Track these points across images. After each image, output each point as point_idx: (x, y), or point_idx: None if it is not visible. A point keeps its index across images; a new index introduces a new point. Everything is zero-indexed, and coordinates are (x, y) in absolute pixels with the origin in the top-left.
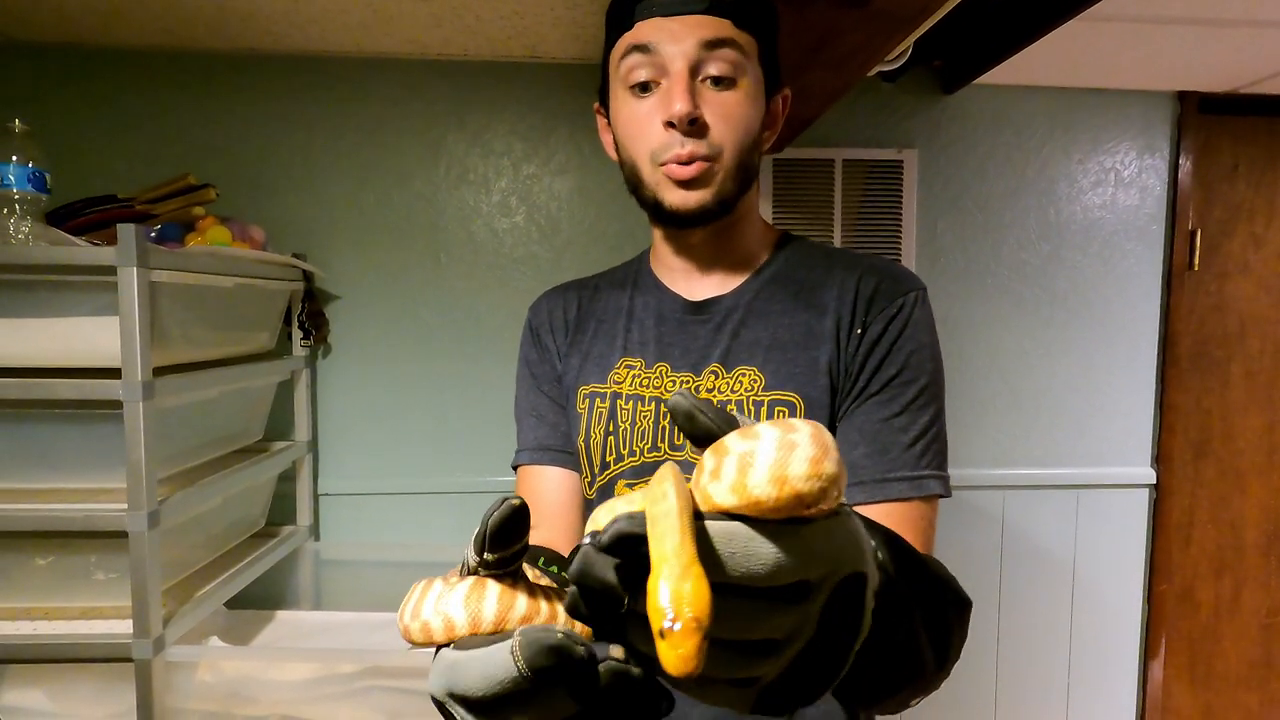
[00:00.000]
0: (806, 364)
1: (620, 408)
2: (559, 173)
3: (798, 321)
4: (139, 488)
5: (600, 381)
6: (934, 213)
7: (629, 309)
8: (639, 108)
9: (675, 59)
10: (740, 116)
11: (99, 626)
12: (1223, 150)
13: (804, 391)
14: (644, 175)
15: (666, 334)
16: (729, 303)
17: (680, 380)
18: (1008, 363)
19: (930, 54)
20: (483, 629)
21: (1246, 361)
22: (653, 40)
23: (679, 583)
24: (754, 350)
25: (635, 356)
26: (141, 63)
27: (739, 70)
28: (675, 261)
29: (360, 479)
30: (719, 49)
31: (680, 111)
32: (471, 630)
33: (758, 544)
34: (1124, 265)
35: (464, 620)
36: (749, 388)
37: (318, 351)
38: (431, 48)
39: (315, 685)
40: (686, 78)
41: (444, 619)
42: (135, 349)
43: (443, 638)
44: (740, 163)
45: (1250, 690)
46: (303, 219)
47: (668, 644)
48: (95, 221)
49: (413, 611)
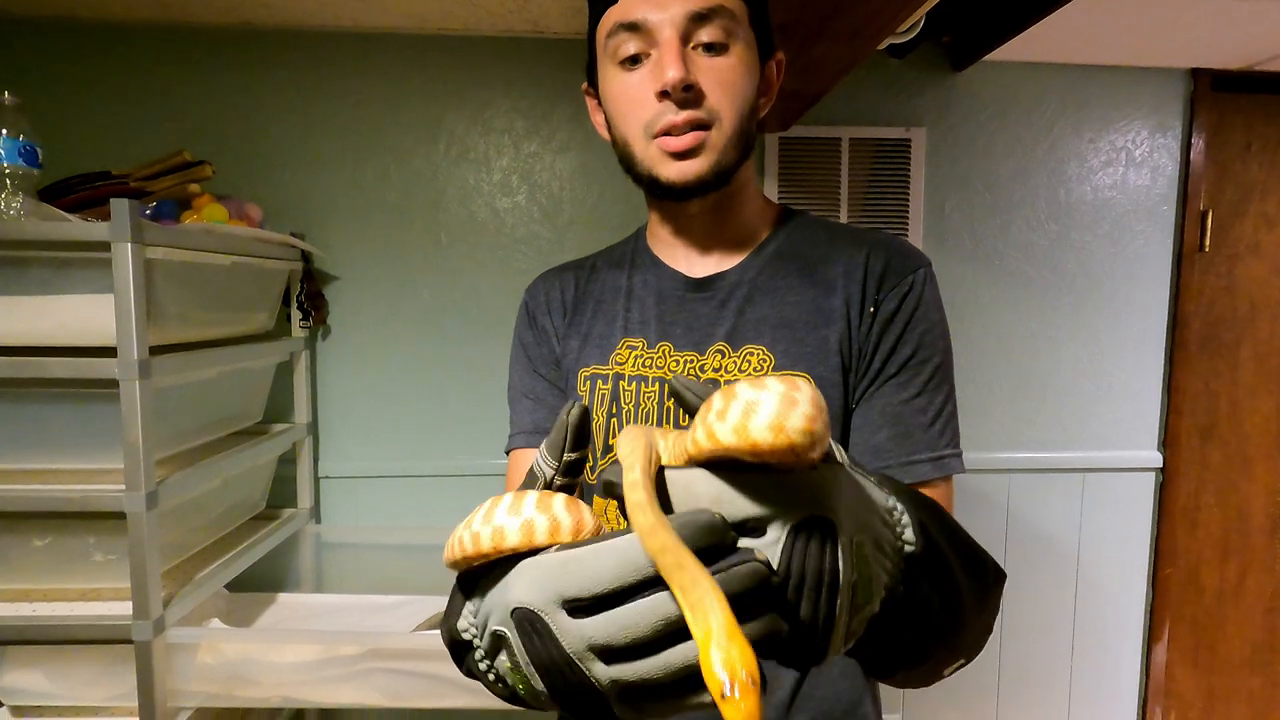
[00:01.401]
0: (817, 343)
1: (623, 389)
2: (561, 151)
3: (805, 299)
4: (136, 468)
5: (602, 363)
6: (942, 192)
7: (628, 288)
8: (629, 80)
9: (663, 27)
10: (736, 82)
11: (98, 608)
12: (1236, 129)
13: (815, 371)
14: (636, 151)
15: (668, 313)
16: (733, 278)
17: (684, 359)
18: (1015, 345)
19: (940, 29)
20: (562, 535)
21: (1256, 345)
22: (638, 15)
23: (728, 651)
24: (761, 328)
25: (636, 336)
26: (136, 38)
27: (731, 36)
28: (673, 239)
29: (361, 461)
30: (708, 19)
31: (673, 79)
32: (550, 537)
33: (702, 483)
34: (1134, 247)
35: (545, 525)
36: (758, 367)
37: (317, 333)
38: (431, 22)
39: (316, 667)
40: (677, 45)
41: (523, 521)
42: (131, 326)
43: (519, 540)
44: (739, 130)
45: (1253, 673)
46: (301, 197)
47: (731, 707)
48: (89, 198)
49: (483, 517)
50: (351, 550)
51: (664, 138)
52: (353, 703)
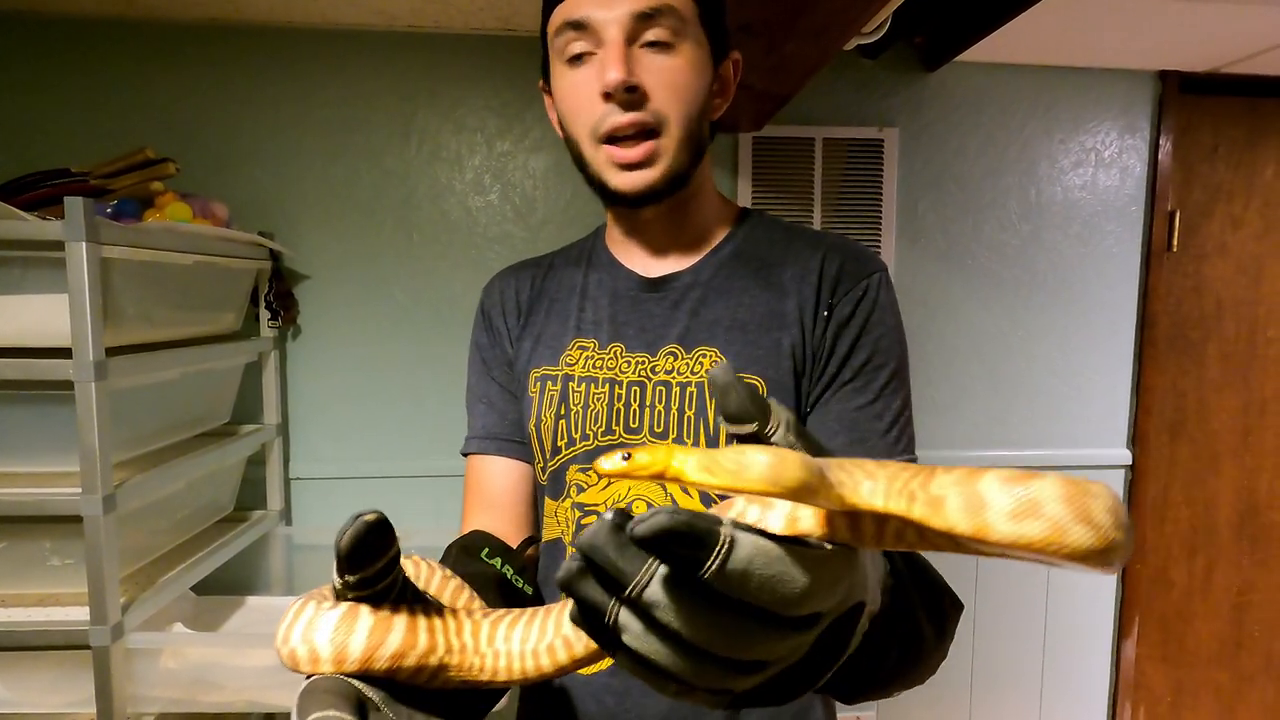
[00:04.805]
0: (770, 346)
1: (572, 390)
2: (534, 150)
3: (759, 301)
4: (93, 471)
5: (552, 364)
6: (915, 192)
7: (582, 287)
8: (576, 79)
9: (608, 27)
10: (683, 83)
11: (55, 613)
12: (1203, 131)
13: (767, 375)
14: (586, 154)
15: (621, 313)
16: (687, 279)
17: (635, 360)
18: (986, 344)
19: (911, 29)
20: (348, 666)
21: (1222, 343)
22: (583, 14)
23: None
24: (714, 330)
25: (589, 337)
26: (100, 32)
27: (679, 35)
28: (627, 239)
29: (332, 463)
30: (654, 19)
31: (614, 79)
32: (336, 667)
33: (791, 570)
34: (1103, 246)
35: (329, 654)
36: (710, 368)
37: (287, 333)
38: (401, 19)
39: (281, 671)
40: (621, 44)
41: (309, 649)
42: (86, 327)
43: (308, 669)
44: (688, 133)
45: (1221, 668)
46: (269, 196)
47: None
48: (47, 196)
49: (283, 636)
50: (324, 552)
51: (613, 148)
52: None
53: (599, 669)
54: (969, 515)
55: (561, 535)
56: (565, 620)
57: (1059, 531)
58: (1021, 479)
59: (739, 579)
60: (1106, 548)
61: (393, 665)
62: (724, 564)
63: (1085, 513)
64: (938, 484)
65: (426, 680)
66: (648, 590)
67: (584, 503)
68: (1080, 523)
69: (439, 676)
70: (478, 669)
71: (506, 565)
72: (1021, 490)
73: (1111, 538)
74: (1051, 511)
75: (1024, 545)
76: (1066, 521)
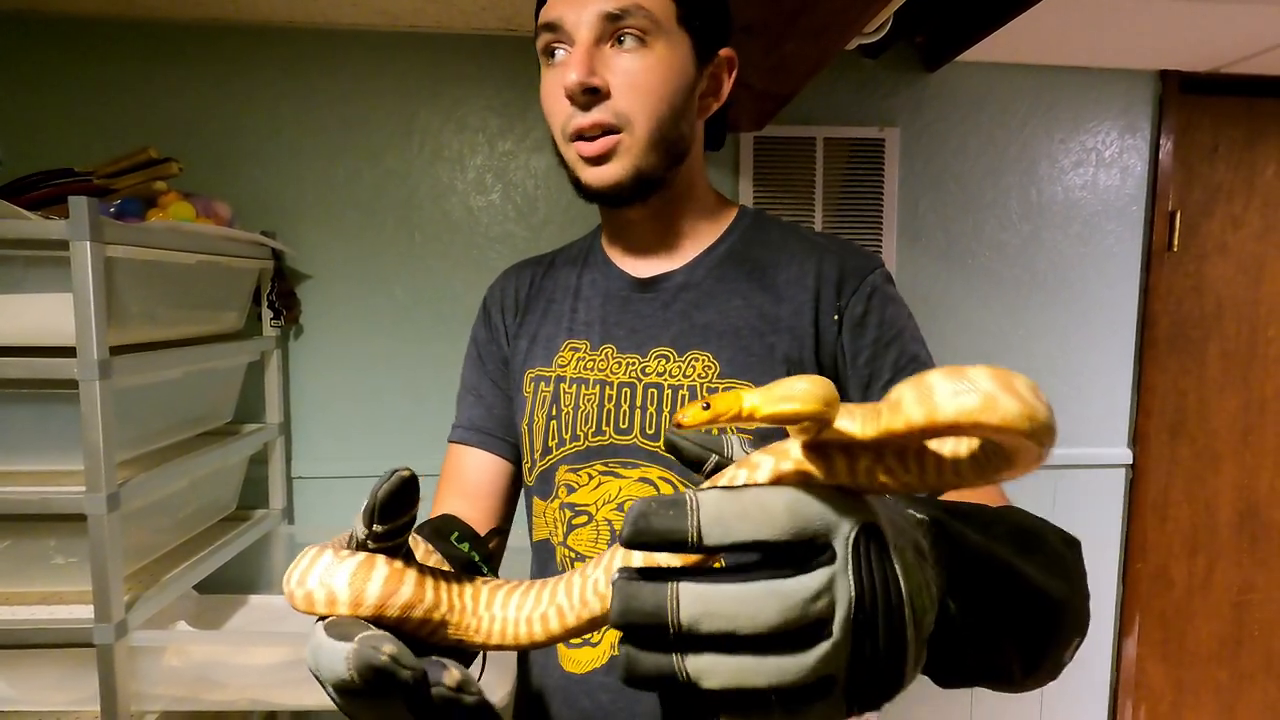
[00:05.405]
0: (762, 352)
1: (563, 391)
2: (536, 149)
3: (752, 305)
4: (97, 469)
5: (545, 365)
6: (915, 192)
7: (576, 288)
8: (550, 79)
9: (578, 28)
10: (652, 83)
11: (60, 611)
12: (1203, 130)
13: (760, 380)
14: (561, 151)
15: (612, 314)
16: (679, 279)
17: (626, 361)
18: (987, 343)
19: (912, 29)
20: (363, 610)
21: (1223, 342)
22: (555, 15)
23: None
24: (707, 334)
25: (580, 338)
26: (103, 32)
27: (650, 35)
28: (616, 239)
29: (335, 462)
30: (622, 19)
31: (571, 81)
32: (352, 610)
33: (762, 497)
34: (1104, 246)
35: (346, 597)
36: (702, 373)
37: (289, 332)
38: (402, 19)
39: (285, 669)
40: (587, 45)
41: (327, 592)
42: (90, 326)
43: (324, 610)
44: (658, 133)
45: (1221, 666)
46: (272, 196)
47: None
48: (51, 196)
49: (299, 578)
50: None
51: (579, 142)
52: (321, 704)
53: (594, 666)
54: (922, 405)
55: (550, 536)
56: (560, 590)
57: (992, 399)
58: (959, 368)
59: (719, 524)
60: (1031, 413)
61: (402, 614)
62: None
63: (1010, 385)
64: (895, 391)
65: (426, 635)
66: (683, 610)
67: (574, 503)
68: (1007, 392)
69: (437, 633)
70: (473, 630)
71: (474, 551)
72: (959, 375)
73: (1033, 404)
74: (984, 385)
75: (966, 418)
76: (996, 391)
